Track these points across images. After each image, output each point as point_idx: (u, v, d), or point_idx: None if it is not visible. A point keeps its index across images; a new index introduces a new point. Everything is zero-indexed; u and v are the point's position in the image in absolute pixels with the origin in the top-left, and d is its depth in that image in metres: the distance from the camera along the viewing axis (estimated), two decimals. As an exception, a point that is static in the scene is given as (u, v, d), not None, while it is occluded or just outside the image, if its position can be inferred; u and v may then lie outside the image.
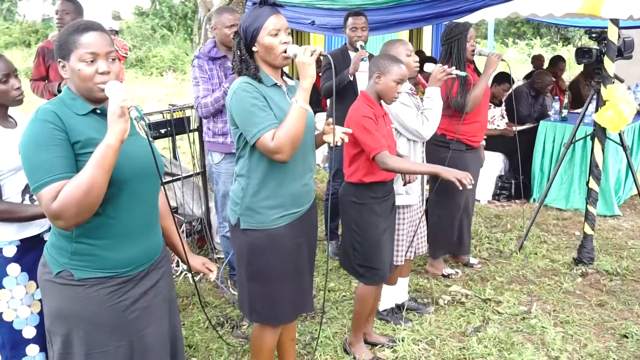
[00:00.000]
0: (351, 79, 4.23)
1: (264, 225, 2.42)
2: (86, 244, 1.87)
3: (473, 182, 2.76)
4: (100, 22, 1.92)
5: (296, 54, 2.28)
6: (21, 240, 2.43)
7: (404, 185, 3.20)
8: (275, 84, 2.39)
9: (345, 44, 4.52)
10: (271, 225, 2.42)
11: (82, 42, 1.81)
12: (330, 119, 2.48)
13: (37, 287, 2.46)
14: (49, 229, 2.45)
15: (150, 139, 1.85)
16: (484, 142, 4.53)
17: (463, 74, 3.63)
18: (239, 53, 2.38)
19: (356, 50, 4.30)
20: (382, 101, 3.02)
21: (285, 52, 2.32)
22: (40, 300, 2.49)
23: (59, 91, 3.96)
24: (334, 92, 2.49)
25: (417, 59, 3.33)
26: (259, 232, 2.43)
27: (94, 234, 1.86)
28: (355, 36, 4.34)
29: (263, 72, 2.38)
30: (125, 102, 1.71)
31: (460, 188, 2.75)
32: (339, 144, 2.50)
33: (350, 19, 4.38)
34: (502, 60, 4.01)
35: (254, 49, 2.35)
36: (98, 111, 1.89)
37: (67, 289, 1.88)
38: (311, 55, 2.24)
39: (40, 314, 2.47)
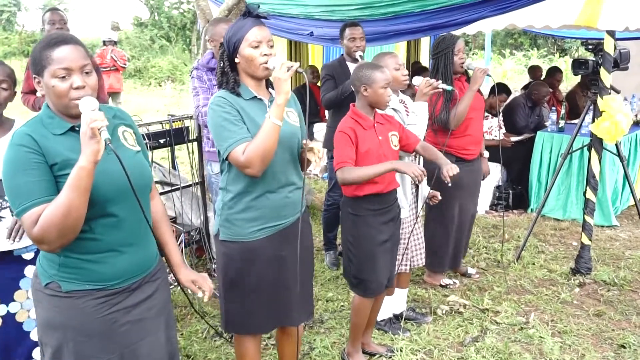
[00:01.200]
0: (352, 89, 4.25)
1: (241, 238, 2.43)
2: (73, 258, 1.85)
3: (425, 176, 2.76)
4: (72, 34, 1.88)
5: (275, 67, 2.27)
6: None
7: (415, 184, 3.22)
8: (255, 96, 2.39)
9: (342, 55, 4.55)
10: (248, 238, 2.43)
11: (54, 58, 1.76)
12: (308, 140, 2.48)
13: None
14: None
15: (135, 150, 1.80)
16: (487, 154, 4.51)
17: (449, 87, 3.63)
18: (221, 64, 2.40)
19: (354, 60, 4.32)
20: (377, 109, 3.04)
21: (266, 64, 2.31)
22: None
23: None
24: (307, 109, 2.38)
25: (406, 72, 3.34)
26: (235, 244, 2.45)
27: (81, 249, 1.85)
28: (354, 46, 4.37)
29: (243, 84, 2.39)
30: (95, 123, 1.66)
31: (417, 182, 2.79)
32: (312, 160, 2.46)
33: (347, 30, 4.40)
34: (488, 75, 3.97)
35: (236, 60, 2.36)
36: (77, 128, 1.82)
37: (55, 300, 1.87)
38: (287, 71, 2.23)
39: None
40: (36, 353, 2.59)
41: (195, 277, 2.22)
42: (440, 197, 3.45)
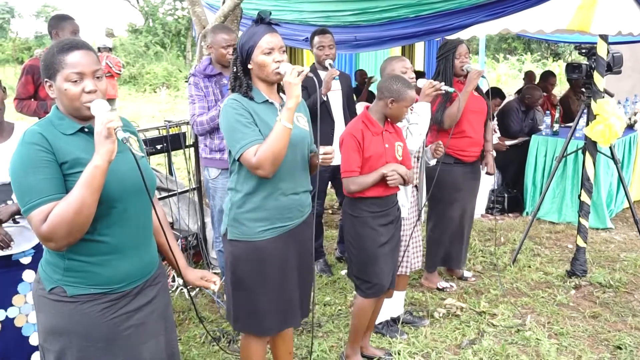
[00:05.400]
0: (325, 99, 4.23)
1: (248, 237, 2.47)
2: (78, 261, 1.87)
3: (409, 182, 2.95)
4: (84, 40, 1.92)
5: (286, 72, 2.34)
6: (34, 248, 2.56)
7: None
8: (267, 100, 2.45)
9: (314, 63, 4.48)
10: (255, 238, 2.47)
11: (67, 62, 1.81)
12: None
13: None
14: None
15: (139, 156, 1.85)
16: (494, 153, 4.49)
17: (452, 89, 3.67)
18: (234, 69, 2.47)
19: (325, 69, 4.30)
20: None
21: (277, 69, 2.38)
22: None
23: None
24: (318, 115, 2.50)
25: (413, 76, 3.37)
26: (242, 243, 2.48)
27: (85, 251, 1.86)
28: (323, 55, 4.31)
29: (256, 88, 2.45)
30: (112, 124, 1.72)
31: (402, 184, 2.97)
32: (320, 161, 2.54)
33: (316, 38, 4.35)
34: (483, 77, 4.03)
35: (249, 66, 2.43)
36: (86, 130, 1.88)
37: (60, 306, 1.88)
38: (298, 76, 2.30)
39: None
40: (35, 357, 2.61)
41: (202, 273, 2.31)
42: (443, 146, 3.52)
